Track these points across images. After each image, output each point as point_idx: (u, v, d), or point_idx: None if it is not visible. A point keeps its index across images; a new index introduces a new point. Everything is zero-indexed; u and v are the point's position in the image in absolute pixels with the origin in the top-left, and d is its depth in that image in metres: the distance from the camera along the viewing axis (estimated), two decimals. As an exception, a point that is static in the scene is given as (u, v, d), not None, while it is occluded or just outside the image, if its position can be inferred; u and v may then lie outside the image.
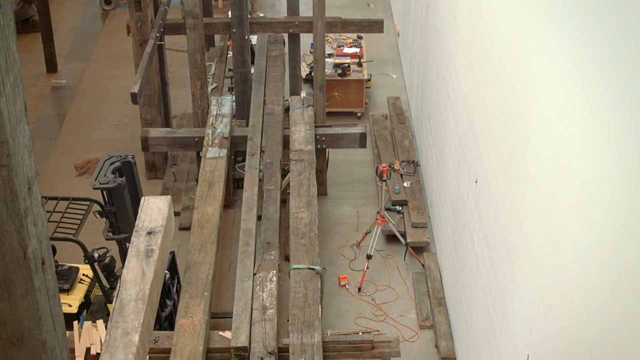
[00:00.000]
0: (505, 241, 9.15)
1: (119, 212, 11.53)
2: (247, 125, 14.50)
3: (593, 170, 6.50)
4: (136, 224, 5.98)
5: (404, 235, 13.95)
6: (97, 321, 10.84)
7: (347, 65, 17.63)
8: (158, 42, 15.08)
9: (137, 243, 5.79)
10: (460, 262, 11.66)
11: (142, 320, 5.24)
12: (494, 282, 9.62)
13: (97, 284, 11.97)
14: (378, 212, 13.61)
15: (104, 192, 11.52)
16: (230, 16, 15.75)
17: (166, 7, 15.62)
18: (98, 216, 11.97)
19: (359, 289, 13.32)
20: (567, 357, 7.01)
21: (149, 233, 5.84)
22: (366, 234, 14.25)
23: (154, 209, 6.05)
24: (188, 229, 13.25)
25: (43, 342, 4.62)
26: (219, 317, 11.85)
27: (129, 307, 5.32)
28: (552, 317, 7.46)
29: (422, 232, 14.04)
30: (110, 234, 11.73)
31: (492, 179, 9.78)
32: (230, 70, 17.55)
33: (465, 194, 11.32)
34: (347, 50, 18.26)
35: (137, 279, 5.50)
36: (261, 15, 21.85)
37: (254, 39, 17.08)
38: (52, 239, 10.72)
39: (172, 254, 11.93)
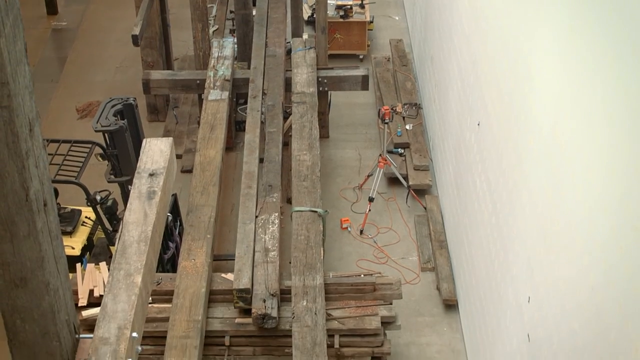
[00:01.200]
0: (507, 183, 9.14)
1: (121, 155, 11.52)
2: (248, 68, 14.42)
3: (596, 111, 6.48)
4: (138, 165, 5.98)
5: (406, 177, 13.95)
6: (100, 263, 10.88)
7: (349, 7, 17.50)
8: (159, -16, 14.97)
9: (139, 185, 5.79)
10: (462, 204, 11.67)
11: (145, 261, 5.25)
12: (496, 224, 9.63)
13: (99, 226, 12.00)
14: (380, 155, 13.59)
15: (106, 134, 11.50)
16: (231, -43, 15.61)
17: (167, -52, 15.48)
18: (100, 159, 11.96)
19: (361, 232, 13.35)
20: (568, 299, 7.04)
21: (151, 175, 5.84)
22: (368, 176, 14.23)
23: (155, 151, 6.04)
24: (190, 171, 13.26)
25: (46, 284, 4.65)
26: (221, 260, 11.89)
27: (131, 248, 5.33)
28: (553, 259, 7.48)
29: (424, 174, 14.03)
30: (112, 176, 11.73)
31: (495, 121, 9.75)
32: (231, 12, 17.41)
33: (467, 137, 11.30)
34: (349, -9, 18.13)
35: (140, 220, 5.50)
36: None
37: (255, -20, 16.93)
38: (54, 181, 10.72)
39: (174, 196, 11.93)
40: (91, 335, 5.00)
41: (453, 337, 11.63)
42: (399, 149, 14.01)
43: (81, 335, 5.20)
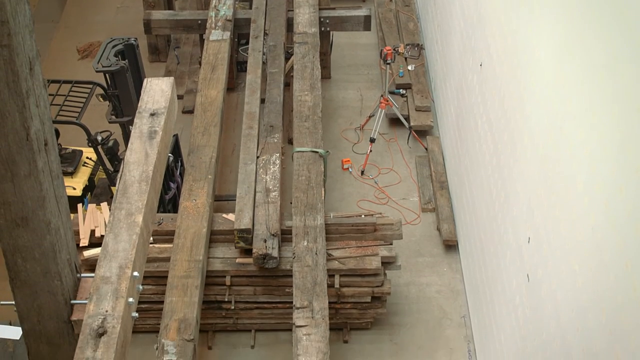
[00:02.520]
0: (509, 124, 9.13)
1: (122, 95, 11.50)
2: (250, 8, 14.33)
3: (599, 52, 6.45)
4: (139, 105, 5.97)
5: (407, 118, 13.92)
6: (101, 204, 10.90)
7: (351, -54, 17.34)
8: None
9: (140, 125, 5.79)
10: (463, 145, 11.66)
11: (146, 201, 5.26)
12: (497, 165, 9.63)
13: (100, 167, 12.01)
14: (382, 96, 13.55)
15: (107, 75, 11.47)
16: None
17: None
18: (101, 99, 11.94)
19: (362, 172, 13.36)
20: (569, 240, 7.06)
21: (152, 115, 5.83)
22: (370, 117, 14.21)
23: (156, 91, 6.03)
24: (191, 112, 13.24)
25: (47, 223, 4.67)
26: (222, 200, 11.91)
27: (132, 188, 5.34)
28: (554, 199, 7.49)
29: (426, 115, 14.01)
30: (114, 117, 11.72)
31: (497, 62, 9.71)
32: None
33: (469, 78, 11.26)
34: None
35: (141, 160, 5.51)
36: None
37: None
38: (55, 122, 10.71)
39: (176, 137, 11.93)
40: (92, 275, 5.03)
41: (453, 278, 11.69)
42: (401, 90, 13.95)
43: (82, 275, 5.23)
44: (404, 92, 13.86)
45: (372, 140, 13.25)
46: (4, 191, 4.51)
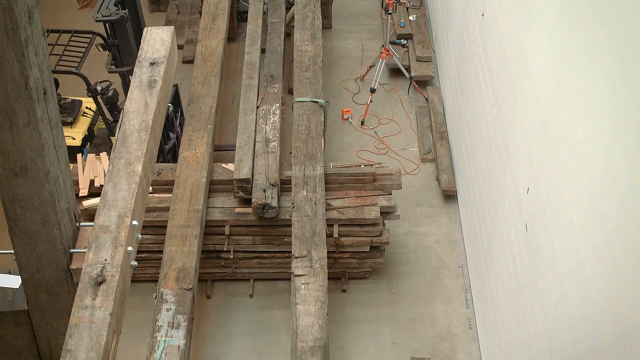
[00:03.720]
0: (510, 75, 9.11)
1: (122, 45, 11.45)
2: (250, -44, 14.25)
3: (602, 1, 6.43)
4: (139, 54, 5.96)
5: (408, 69, 13.89)
6: (101, 154, 10.90)
7: None
8: None
9: (140, 74, 5.78)
10: (463, 96, 11.64)
11: (145, 150, 5.26)
12: (497, 115, 9.63)
13: (100, 117, 12.00)
14: (383, 46, 13.50)
15: (107, 24, 11.41)
16: None
17: None
18: (101, 49, 11.90)
19: (362, 122, 13.35)
20: (567, 190, 7.08)
21: (152, 64, 5.82)
22: (370, 67, 14.17)
23: (156, 40, 6.01)
24: (191, 62, 13.20)
25: (46, 172, 4.67)
26: (222, 150, 11.91)
27: (132, 137, 5.34)
28: (553, 150, 7.50)
29: (427, 66, 13.97)
30: (113, 66, 11.68)
31: (500, 12, 9.67)
32: None
33: (471, 28, 11.21)
34: None
35: (140, 109, 5.50)
36: None
37: None
38: (54, 72, 10.67)
39: (175, 87, 11.91)
40: (91, 224, 5.05)
41: (451, 228, 11.73)
42: (402, 40, 13.89)
43: (81, 224, 5.25)
44: (405, 42, 13.80)
45: (373, 91, 13.22)
46: (3, 140, 4.51)
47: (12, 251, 5.00)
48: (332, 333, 10.00)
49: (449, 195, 12.08)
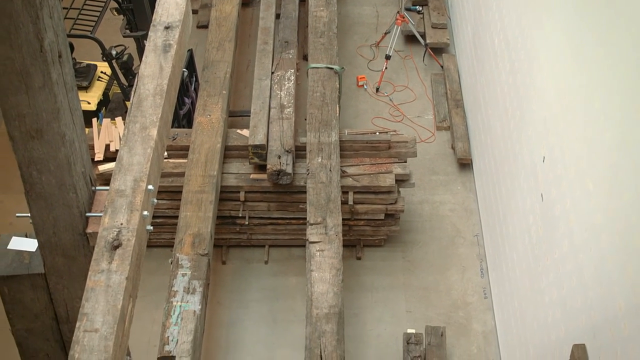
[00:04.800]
0: (526, 42, 9.04)
1: (136, 9, 11.41)
2: None
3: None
4: (153, 18, 5.92)
5: (423, 35, 13.81)
6: (116, 118, 10.90)
7: None
8: None
9: (155, 38, 5.74)
10: (479, 63, 11.57)
11: (160, 115, 5.24)
12: (513, 83, 9.57)
13: (115, 81, 11.98)
14: (398, 12, 13.43)
15: (121, -12, 11.38)
16: None
17: None
18: (115, 13, 11.86)
19: (377, 89, 13.29)
20: (583, 159, 7.04)
21: (167, 28, 5.78)
22: (385, 34, 14.10)
23: (171, 4, 5.97)
24: (206, 27, 13.15)
25: (62, 135, 4.66)
26: (237, 116, 11.89)
27: (147, 101, 5.31)
28: (570, 118, 7.45)
29: (442, 33, 13.88)
30: (128, 31, 11.64)
31: (515, -22, 9.60)
32: None
33: (487, -6, 11.13)
34: None
35: (155, 73, 5.47)
36: None
37: None
38: (69, 36, 10.65)
39: (190, 52, 11.86)
40: (107, 188, 5.04)
41: (467, 196, 11.70)
42: (417, 7, 13.81)
43: (97, 188, 5.24)
44: (421, 8, 13.73)
45: (388, 57, 13.16)
46: (18, 103, 4.49)
47: (29, 214, 4.99)
48: (346, 300, 10.01)
49: (464, 164, 12.04)
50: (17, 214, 5.27)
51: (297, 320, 10.19)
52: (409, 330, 9.77)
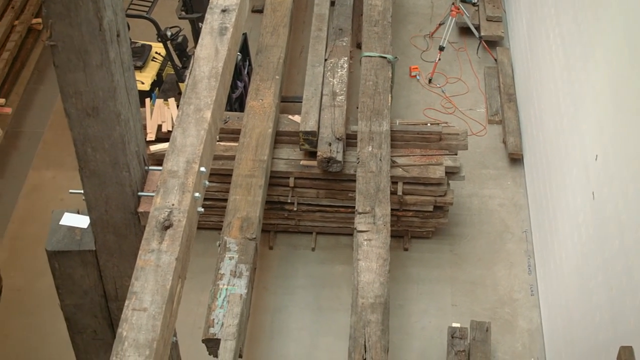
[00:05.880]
0: (582, 38, 8.95)
1: (192, -9, 11.45)
2: None
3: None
4: (210, 1, 5.92)
5: (478, 28, 13.72)
6: (169, 99, 10.95)
7: None
8: None
9: (211, 20, 5.75)
10: (533, 58, 11.47)
11: (215, 97, 5.24)
12: (567, 79, 9.47)
13: (169, 62, 12.03)
14: (453, 4, 13.35)
15: (179, -30, 11.41)
16: None
17: None
18: (172, -6, 11.91)
19: (430, 80, 13.23)
20: (637, 159, 6.95)
21: (223, 11, 5.78)
22: (440, 25, 14.02)
23: (229, -13, 5.96)
24: (260, 11, 13.15)
25: (117, 114, 4.67)
26: (288, 101, 11.89)
27: (201, 84, 5.32)
28: (624, 118, 7.36)
29: (497, 26, 13.78)
30: (184, 12, 11.67)
31: (575, -27, 9.50)
32: None
33: (545, -12, 11.03)
34: None
35: (211, 56, 5.48)
36: None
37: None
38: (126, 15, 10.69)
39: (244, 36, 11.87)
40: (160, 168, 5.05)
41: (516, 192, 11.62)
42: (473, -1, 13.76)
43: (150, 168, 5.25)
44: (476, 1, 13.66)
45: (441, 49, 13.09)
46: (76, 80, 4.51)
47: (82, 191, 5.02)
48: (392, 291, 9.99)
49: (515, 159, 11.95)
50: (71, 191, 5.30)
51: (342, 308, 10.19)
52: (454, 324, 9.72)
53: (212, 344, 8.13)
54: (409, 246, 10.89)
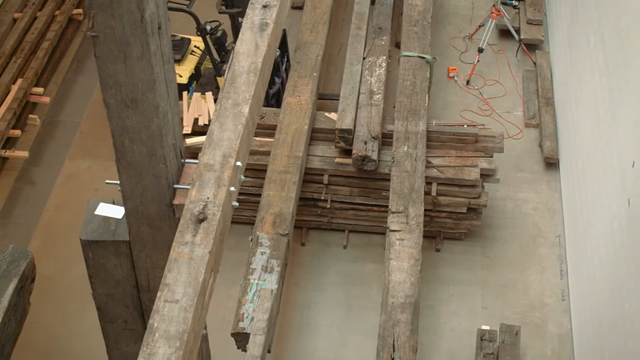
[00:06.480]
0: (623, 44, 8.89)
1: (234, -14, 11.48)
2: None
3: None
4: (252, -4, 5.94)
5: (518, 31, 13.66)
6: (206, 93, 10.98)
7: None
8: None
9: (252, 16, 5.77)
10: (573, 62, 11.41)
11: (253, 92, 5.26)
12: (607, 85, 9.41)
13: (207, 56, 12.06)
14: (494, 6, 13.30)
15: (219, -36, 11.44)
16: None
17: None
18: (212, -11, 11.94)
19: (468, 82, 13.19)
20: (675, 166, 6.91)
21: (264, 6, 5.80)
22: (479, 26, 13.98)
23: (270, -17, 5.98)
24: (300, 8, 13.17)
25: (156, 106, 4.70)
26: (325, 99, 11.90)
27: (240, 78, 5.34)
28: (664, 124, 7.32)
29: (537, 29, 13.71)
30: (224, 7, 11.70)
31: (618, -22, 9.43)
32: None
33: (586, -7, 10.96)
34: None
35: (251, 51, 5.50)
36: None
37: None
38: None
39: (284, 32, 11.89)
40: (196, 161, 5.08)
41: (551, 196, 11.56)
42: (514, 1, 13.67)
43: (186, 160, 5.28)
44: (517, 3, 13.60)
45: (480, 50, 13.05)
46: (116, 72, 4.54)
47: (118, 182, 5.05)
48: (423, 291, 9.97)
49: (551, 163, 11.88)
50: (107, 181, 5.33)
51: (372, 307, 10.18)
52: (484, 327, 9.70)
53: (240, 338, 8.16)
54: (441, 247, 10.87)
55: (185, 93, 11.04)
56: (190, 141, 10.24)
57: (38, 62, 12.95)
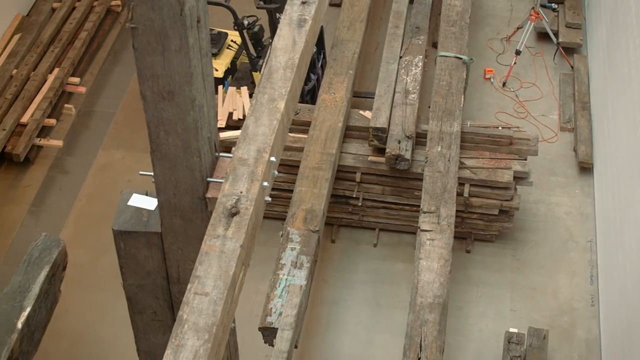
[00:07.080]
0: (663, 51, 8.83)
1: (272, -19, 11.49)
2: None
3: None
4: (291, -8, 5.94)
5: (556, 34, 13.58)
6: (242, 87, 11.00)
7: None
8: None
9: (291, 12, 5.77)
10: (611, 67, 11.34)
11: (289, 88, 5.26)
12: (645, 91, 9.36)
13: (244, 51, 12.08)
14: (533, 8, 13.24)
15: (259, -40, 11.45)
16: None
17: None
18: (251, -16, 11.95)
19: (504, 84, 13.14)
20: None
21: (303, 3, 5.80)
22: (518, 28, 13.92)
23: (310, -21, 5.98)
24: (338, 5, 13.18)
25: (192, 99, 4.71)
26: (360, 97, 11.89)
27: (277, 74, 5.34)
28: (702, 132, 7.26)
29: (576, 33, 13.63)
30: (262, 2, 11.71)
31: (659, -16, 9.36)
32: None
33: (627, -2, 10.89)
34: None
35: (288, 47, 5.50)
36: None
37: None
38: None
39: (321, 29, 11.88)
40: (230, 155, 5.08)
41: (584, 201, 11.50)
42: (553, 4, 13.59)
43: (220, 154, 5.29)
44: (556, 6, 13.52)
45: (518, 53, 12.99)
46: (154, 64, 4.55)
47: (152, 174, 5.07)
48: (452, 292, 9.95)
49: (585, 168, 11.82)
50: (141, 172, 5.35)
51: (401, 306, 10.18)
52: (511, 329, 9.66)
53: (268, 333, 8.18)
54: (471, 248, 10.84)
55: (220, 87, 11.07)
56: (224, 135, 10.27)
57: (75, 52, 13.04)
